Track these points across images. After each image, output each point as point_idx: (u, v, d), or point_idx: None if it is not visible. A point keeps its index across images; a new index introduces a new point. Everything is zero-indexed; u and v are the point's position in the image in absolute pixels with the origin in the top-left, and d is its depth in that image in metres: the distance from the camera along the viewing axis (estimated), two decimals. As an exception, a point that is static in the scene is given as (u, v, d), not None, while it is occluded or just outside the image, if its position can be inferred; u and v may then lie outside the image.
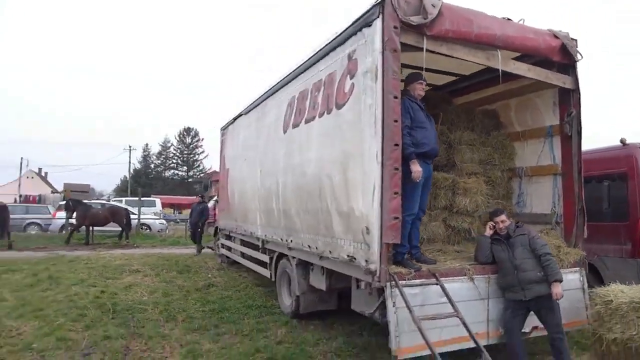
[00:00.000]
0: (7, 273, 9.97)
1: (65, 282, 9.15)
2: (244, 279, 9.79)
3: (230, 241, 11.01)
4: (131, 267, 11.04)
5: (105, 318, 6.51)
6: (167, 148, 71.78)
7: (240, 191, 9.33)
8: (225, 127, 11.36)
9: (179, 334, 5.89)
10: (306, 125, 5.89)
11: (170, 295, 8.11)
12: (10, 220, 15.74)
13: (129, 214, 17.86)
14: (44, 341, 5.42)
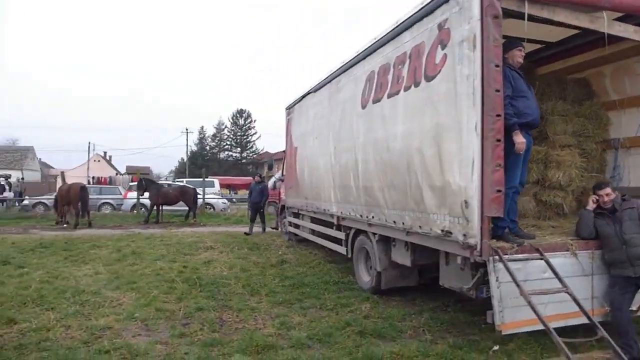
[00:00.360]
0: (94, 249, 10.63)
1: (148, 257, 9.64)
2: (315, 256, 9.92)
3: (299, 219, 11.17)
4: (204, 244, 11.47)
5: (194, 291, 6.80)
6: (221, 130, 73.42)
7: (311, 169, 9.40)
8: (291, 106, 11.42)
9: (266, 307, 6.06)
10: (389, 100, 5.80)
11: (248, 271, 8.36)
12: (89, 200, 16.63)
13: (197, 193, 18.48)
14: (144, 311, 5.73)
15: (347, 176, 7.24)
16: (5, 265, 8.62)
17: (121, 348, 4.42)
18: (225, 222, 18.52)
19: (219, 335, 4.96)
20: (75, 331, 4.93)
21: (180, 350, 4.46)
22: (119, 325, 5.17)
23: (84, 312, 5.67)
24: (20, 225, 16.51)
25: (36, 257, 9.49)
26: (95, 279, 7.43)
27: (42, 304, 5.94)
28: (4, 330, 4.95)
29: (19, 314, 5.53)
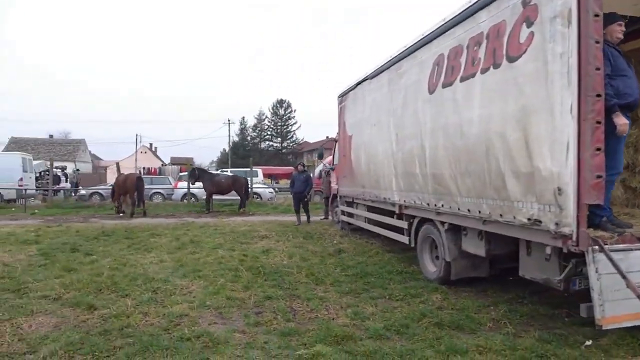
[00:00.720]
0: (153, 237, 10.89)
1: (206, 245, 9.79)
2: (372, 245, 9.80)
3: (353, 208, 11.05)
4: (259, 233, 11.55)
5: (259, 280, 6.82)
6: (262, 120, 74.21)
7: (369, 157, 9.23)
8: (344, 94, 11.26)
9: (335, 297, 5.99)
10: (463, 84, 5.55)
11: (308, 260, 8.33)
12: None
13: (248, 183, 18.68)
14: (215, 299, 5.77)
15: (412, 164, 7.05)
16: (74, 252, 8.93)
17: (201, 336, 4.44)
18: (273, 212, 18.65)
19: (295, 324, 4.91)
20: (153, 318, 5.00)
21: (259, 340, 4.44)
22: (193, 313, 5.21)
23: (157, 299, 5.76)
24: (80, 214, 17.19)
25: (101, 245, 9.80)
26: (161, 267, 7.58)
27: (116, 291, 6.09)
28: (87, 316, 5.09)
29: (97, 300, 5.67)
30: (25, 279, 6.64)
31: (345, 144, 11.14)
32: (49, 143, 59.21)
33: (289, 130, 74.31)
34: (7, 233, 11.46)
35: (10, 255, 8.47)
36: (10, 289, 6.17)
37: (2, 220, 15.17)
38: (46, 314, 5.16)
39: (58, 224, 13.74)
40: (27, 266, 7.61)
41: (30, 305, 5.42)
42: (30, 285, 6.27)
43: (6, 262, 7.85)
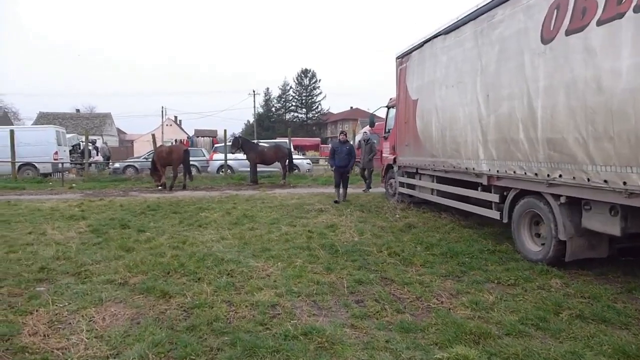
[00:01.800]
0: (203, 211, 10.25)
1: (262, 220, 9.10)
2: (443, 219, 8.96)
3: (416, 179, 10.19)
4: (312, 206, 10.81)
5: (340, 260, 6.08)
6: (287, 91, 72.97)
7: (443, 123, 8.30)
8: (405, 54, 10.25)
9: (435, 281, 5.21)
10: (602, 28, 4.56)
11: (380, 236, 7.56)
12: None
13: (291, 153, 17.88)
14: (301, 284, 5.06)
15: (512, 128, 6.12)
16: (125, 229, 8.34)
17: (309, 333, 3.71)
18: (314, 184, 17.90)
19: (409, 317, 4.16)
20: (241, 308, 4.30)
21: (378, 338, 3.69)
22: (284, 302, 4.50)
23: (235, 284, 5.07)
24: (119, 187, 16.73)
25: (151, 221, 9.20)
26: (225, 245, 6.90)
27: (186, 274, 5.42)
28: (163, 305, 4.42)
29: (168, 285, 5.01)
30: (83, 260, 6.03)
31: (406, 110, 10.19)
32: (76, 117, 59.35)
33: (314, 101, 72.99)
34: (50, 208, 10.99)
35: (60, 232, 7.92)
36: (70, 272, 5.56)
37: (43, 194, 14.80)
38: (117, 303, 4.52)
39: (100, 198, 13.24)
40: (81, 245, 7.02)
41: (97, 292, 4.78)
42: (90, 268, 5.65)
43: (58, 241, 7.28)
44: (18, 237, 7.60)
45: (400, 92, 10.60)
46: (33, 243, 7.16)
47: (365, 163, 14.61)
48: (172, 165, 15.56)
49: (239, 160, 20.16)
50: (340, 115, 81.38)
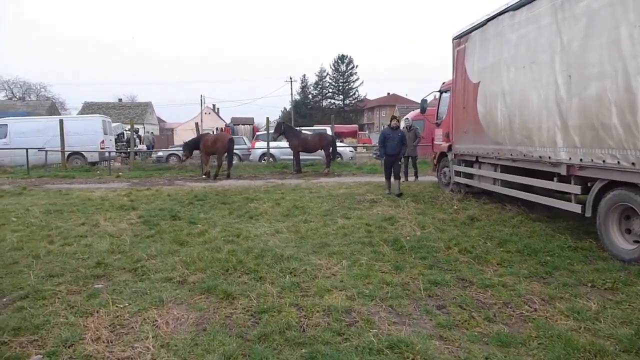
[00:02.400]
0: (252, 202, 9.98)
1: (314, 212, 8.73)
2: (509, 211, 8.34)
3: (475, 168, 9.57)
4: (364, 197, 10.38)
5: (408, 258, 5.63)
6: (323, 78, 72.24)
7: (512, 107, 7.65)
8: (463, 35, 9.57)
9: (519, 284, 4.68)
10: None
11: (444, 230, 7.05)
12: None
13: (335, 141, 17.46)
14: (371, 285, 4.65)
15: (602, 112, 5.46)
16: (176, 220, 8.14)
17: (396, 346, 3.29)
18: (359, 172, 17.44)
19: (504, 327, 3.68)
20: (313, 313, 3.93)
21: (475, 353, 3.24)
22: (358, 306, 4.10)
23: (300, 284, 4.71)
24: (164, 176, 16.76)
25: (200, 212, 8.98)
26: (281, 240, 6.55)
27: (247, 272, 5.10)
28: (228, 309, 4.10)
29: (229, 284, 4.70)
30: (138, 254, 5.81)
31: (465, 94, 9.55)
32: (119, 106, 60.66)
33: (351, 87, 72.00)
34: (100, 198, 10.99)
35: (112, 224, 7.79)
36: (127, 267, 5.34)
37: (91, 183, 14.95)
38: (179, 305, 4.23)
39: (146, 187, 13.21)
40: (134, 237, 6.84)
41: (156, 291, 4.52)
42: (146, 264, 5.41)
43: (111, 232, 7.13)
44: (72, 228, 7.51)
45: (458, 75, 9.94)
46: (87, 235, 7.04)
47: (410, 150, 13.95)
48: (216, 154, 15.40)
49: (281, 148, 19.90)
50: (377, 102, 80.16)
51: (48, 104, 55.51)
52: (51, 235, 6.96)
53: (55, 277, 5.01)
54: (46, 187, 13.82)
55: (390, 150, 10.84)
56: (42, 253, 5.91)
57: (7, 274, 5.16)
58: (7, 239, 6.76)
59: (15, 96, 62.68)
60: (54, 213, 8.94)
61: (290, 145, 16.80)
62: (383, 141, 10.99)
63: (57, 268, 5.29)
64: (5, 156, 19.71)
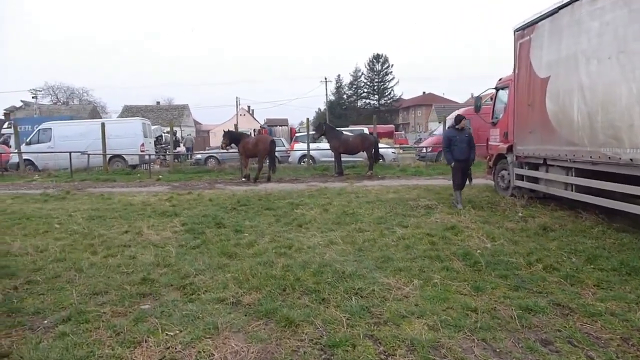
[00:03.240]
0: (297, 207, 9.45)
1: (366, 219, 8.12)
2: (585, 220, 7.50)
3: (542, 171, 8.74)
4: (417, 202, 9.67)
5: (486, 276, 4.94)
6: (358, 78, 71.47)
7: (594, 104, 6.82)
8: (528, 25, 8.75)
9: (636, 315, 3.93)
10: None
11: (517, 242, 6.31)
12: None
13: (378, 142, 16.81)
14: (454, 312, 4.01)
15: None
16: (221, 228, 7.69)
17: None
18: (403, 174, 16.68)
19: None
20: (396, 350, 3.33)
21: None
22: (444, 340, 3.47)
23: (370, 308, 4.11)
24: (203, 179, 16.49)
25: (245, 218, 8.51)
26: (337, 252, 5.97)
27: (306, 292, 4.55)
28: (292, 340, 3.54)
29: (288, 307, 4.15)
30: (186, 268, 5.34)
31: (530, 90, 8.72)
32: (157, 109, 61.75)
33: (386, 87, 70.94)
34: (142, 202, 10.71)
35: (156, 232, 7.41)
36: (174, 284, 4.87)
37: (132, 186, 14.81)
38: (236, 333, 3.70)
39: (187, 191, 12.91)
40: (179, 248, 6.40)
41: (208, 315, 4.02)
42: (195, 280, 4.93)
43: (155, 242, 6.73)
44: (115, 237, 7.17)
45: (521, 70, 9.12)
46: (130, 245, 6.66)
47: None
48: (257, 156, 14.99)
49: (320, 150, 19.38)
50: (413, 101, 78.82)
51: (90, 108, 56.96)
52: (94, 245, 6.62)
53: (99, 295, 4.59)
54: (89, 190, 13.73)
55: (459, 155, 9.23)
56: (84, 266, 5.53)
57: (49, 290, 4.78)
58: (50, 248, 6.44)
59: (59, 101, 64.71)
60: (96, 219, 8.67)
61: (330, 147, 16.23)
62: (449, 144, 9.33)
63: (101, 284, 4.87)
64: (50, 159, 19.94)
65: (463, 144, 9.24)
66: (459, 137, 9.27)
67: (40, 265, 5.60)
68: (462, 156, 9.23)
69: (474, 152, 9.49)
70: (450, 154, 9.28)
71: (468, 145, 9.28)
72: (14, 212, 9.68)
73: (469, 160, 9.39)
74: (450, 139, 9.33)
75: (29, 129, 24.58)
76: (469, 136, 9.41)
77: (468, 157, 9.33)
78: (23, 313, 4.19)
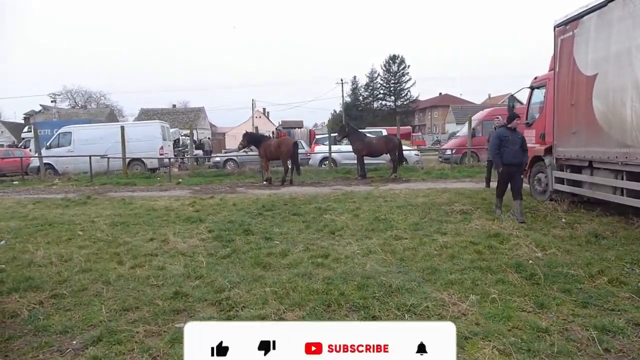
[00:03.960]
0: (326, 213, 9.08)
1: (400, 225, 7.73)
2: (637, 227, 7.00)
3: (585, 174, 8.25)
4: (450, 206, 9.24)
5: (547, 290, 4.52)
6: (374, 79, 70.97)
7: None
8: (571, 20, 8.28)
9: None
10: None
11: (570, 252, 5.86)
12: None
13: (402, 145, 16.41)
14: (522, 333, 3.61)
15: None
16: (249, 235, 7.35)
17: None
18: (428, 177, 16.22)
19: None
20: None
21: None
22: (521, 369, 3.07)
23: (427, 329, 3.72)
24: (224, 183, 16.23)
25: (273, 224, 8.16)
26: (379, 263, 5.57)
27: (354, 309, 4.16)
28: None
29: (337, 326, 3.78)
30: (219, 281, 4.99)
31: (574, 89, 8.25)
32: (173, 112, 62.00)
33: (402, 88, 70.29)
34: (164, 207, 10.44)
35: (182, 239, 7.08)
36: (209, 299, 4.53)
37: (153, 190, 14.59)
38: (283, 357, 3.34)
39: (210, 195, 12.63)
40: (209, 257, 6.08)
41: (250, 334, 3.66)
42: (231, 295, 4.58)
43: (182, 251, 6.42)
44: (140, 245, 6.87)
45: (562, 67, 8.64)
46: (157, 253, 6.35)
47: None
48: (280, 158, 14.68)
49: (342, 152, 19.02)
50: (429, 102, 77.98)
51: (107, 111, 57.47)
52: (120, 254, 6.33)
53: (129, 311, 4.27)
54: (109, 195, 13.55)
55: (509, 158, 8.06)
56: (112, 277, 5.22)
57: (77, 305, 4.48)
58: (74, 257, 6.16)
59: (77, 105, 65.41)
60: (119, 225, 8.40)
61: (353, 149, 15.85)
62: (498, 146, 8.17)
63: (131, 299, 4.56)
64: (69, 163, 19.88)
65: (515, 146, 8.12)
66: (511, 138, 8.15)
67: (65, 277, 5.31)
68: (514, 160, 8.11)
69: (526, 155, 8.53)
70: (500, 157, 8.17)
71: (521, 148, 8.19)
72: (36, 218, 9.48)
73: (521, 165, 8.41)
74: (500, 139, 8.19)
75: (49, 133, 24.64)
76: (522, 138, 8.33)
77: (520, 162, 8.28)
78: (50, 332, 3.89)
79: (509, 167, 8.13)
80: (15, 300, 4.57)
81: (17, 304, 4.49)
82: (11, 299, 4.62)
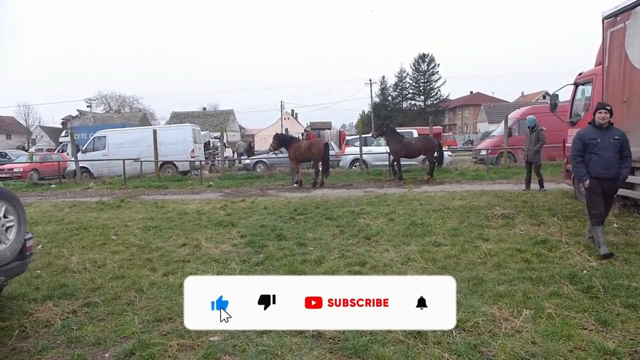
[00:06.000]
0: (359, 217, 8.81)
1: (438, 230, 7.40)
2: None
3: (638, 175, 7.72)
4: (490, 210, 8.83)
5: (607, 304, 4.14)
6: (403, 78, 70.14)
7: None
8: (621, 12, 7.77)
9: None
10: None
11: (629, 262, 5.41)
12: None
13: (442, 145, 16.00)
14: (587, 355, 3.27)
15: None
16: (282, 240, 7.18)
17: None
18: (462, 179, 15.75)
19: None
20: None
21: None
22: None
23: (478, 346, 3.42)
24: (254, 185, 16.16)
25: (306, 230, 7.95)
26: (419, 271, 5.29)
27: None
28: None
29: (379, 343, 3.52)
30: (253, 289, 4.82)
31: (625, 84, 7.74)
32: (203, 115, 62.82)
33: (432, 87, 69.19)
34: (196, 211, 10.39)
35: (214, 245, 6.97)
36: (243, 309, 4.35)
37: (184, 193, 14.66)
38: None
39: (241, 198, 12.55)
40: (242, 264, 5.92)
41: (288, 351, 3.47)
42: (266, 304, 4.39)
43: (215, 257, 6.29)
44: (172, 250, 6.79)
45: (612, 62, 8.13)
46: (189, 260, 6.24)
47: (531, 155, 12.02)
48: (311, 160, 14.49)
49: (373, 154, 18.73)
50: (460, 101, 76.54)
51: (140, 115, 58.66)
52: (152, 260, 6.24)
53: (162, 322, 4.13)
54: (142, 198, 13.65)
55: (600, 168, 5.73)
56: (144, 285, 5.11)
57: (109, 314, 4.38)
58: (108, 263, 6.12)
59: (112, 109, 67.07)
60: (152, 230, 8.36)
61: (390, 150, 15.51)
62: (582, 150, 5.84)
63: (164, 308, 4.43)
64: (104, 167, 20.24)
65: (608, 151, 5.69)
66: (602, 140, 5.72)
67: (99, 284, 5.24)
68: (607, 171, 5.72)
69: (627, 164, 5.84)
70: (583, 166, 5.86)
71: (617, 154, 5.73)
72: (72, 222, 9.56)
73: (617, 180, 5.83)
74: (584, 142, 5.81)
75: (84, 137, 25.19)
76: (620, 138, 5.75)
77: (617, 174, 5.78)
78: (83, 343, 3.78)
79: (601, 181, 5.78)
80: (49, 309, 4.50)
81: (51, 312, 4.42)
82: (45, 307, 4.55)
